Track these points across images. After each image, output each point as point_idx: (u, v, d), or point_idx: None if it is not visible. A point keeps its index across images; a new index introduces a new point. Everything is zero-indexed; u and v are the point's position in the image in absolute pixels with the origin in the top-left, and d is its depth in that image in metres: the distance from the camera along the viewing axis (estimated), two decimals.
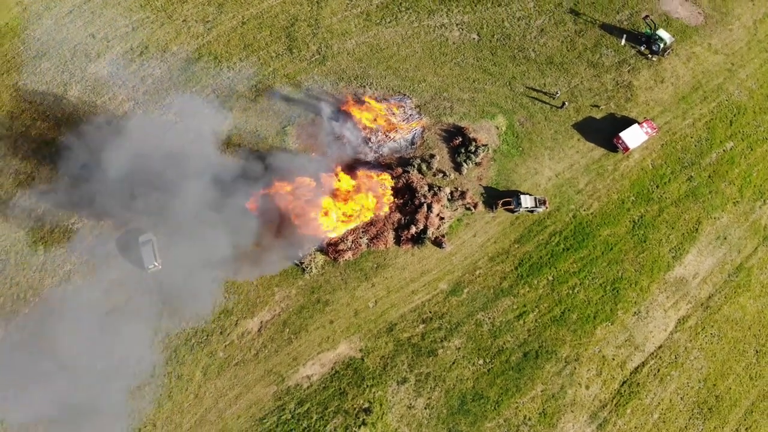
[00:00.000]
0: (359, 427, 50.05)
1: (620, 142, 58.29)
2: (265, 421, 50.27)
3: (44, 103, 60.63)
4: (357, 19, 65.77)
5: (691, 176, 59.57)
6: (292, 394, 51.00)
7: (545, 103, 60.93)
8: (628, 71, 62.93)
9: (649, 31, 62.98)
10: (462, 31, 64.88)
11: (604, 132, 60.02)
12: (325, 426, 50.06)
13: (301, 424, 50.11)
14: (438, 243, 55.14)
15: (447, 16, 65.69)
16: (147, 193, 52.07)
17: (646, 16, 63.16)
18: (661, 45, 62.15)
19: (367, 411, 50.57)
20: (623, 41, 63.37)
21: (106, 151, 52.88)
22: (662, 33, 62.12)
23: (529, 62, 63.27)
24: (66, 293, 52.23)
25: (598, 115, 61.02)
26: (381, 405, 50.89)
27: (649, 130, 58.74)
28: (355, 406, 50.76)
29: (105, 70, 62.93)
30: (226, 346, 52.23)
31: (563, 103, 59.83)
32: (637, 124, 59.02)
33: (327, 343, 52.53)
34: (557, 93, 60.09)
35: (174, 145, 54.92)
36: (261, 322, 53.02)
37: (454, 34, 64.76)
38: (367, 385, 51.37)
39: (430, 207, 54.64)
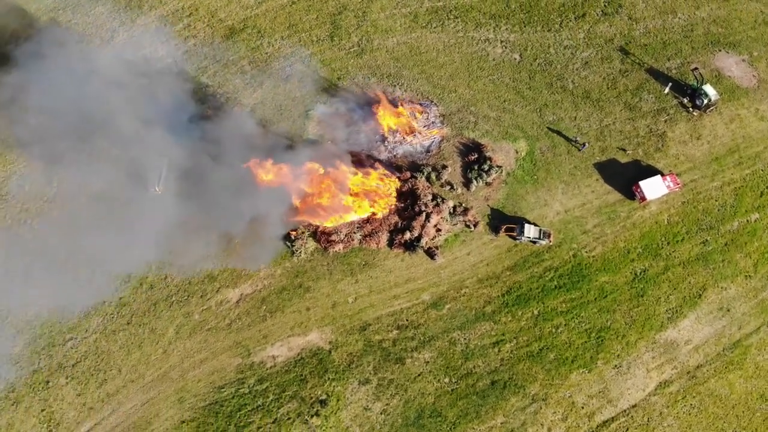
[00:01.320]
0: (312, 416, 50.36)
1: (639, 190, 56.46)
2: (223, 390, 51.12)
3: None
4: (404, 18, 65.69)
5: (707, 240, 57.21)
6: (255, 370, 51.67)
7: (569, 139, 59.47)
8: (665, 121, 60.81)
9: (695, 84, 60.66)
10: (505, 49, 63.99)
11: (625, 177, 58.21)
12: (278, 408, 50.57)
13: (257, 401, 50.75)
14: (430, 253, 54.74)
15: (494, 31, 64.89)
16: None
17: (695, 69, 60.81)
18: (705, 100, 59.76)
19: (323, 403, 50.80)
20: (667, 89, 61.25)
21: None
22: (708, 88, 59.71)
23: (565, 92, 61.90)
24: None
25: (623, 159, 59.25)
26: (338, 400, 51.02)
27: (672, 185, 56.66)
28: (312, 395, 51.06)
29: (153, 24, 64.88)
30: (203, 311, 53.29)
31: (584, 144, 58.32)
32: (660, 175, 57.01)
33: (299, 329, 52.95)
34: (576, 138, 58.67)
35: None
36: (241, 294, 53.86)
37: (496, 51, 63.95)
38: (329, 378, 51.57)
39: (428, 216, 54.29)
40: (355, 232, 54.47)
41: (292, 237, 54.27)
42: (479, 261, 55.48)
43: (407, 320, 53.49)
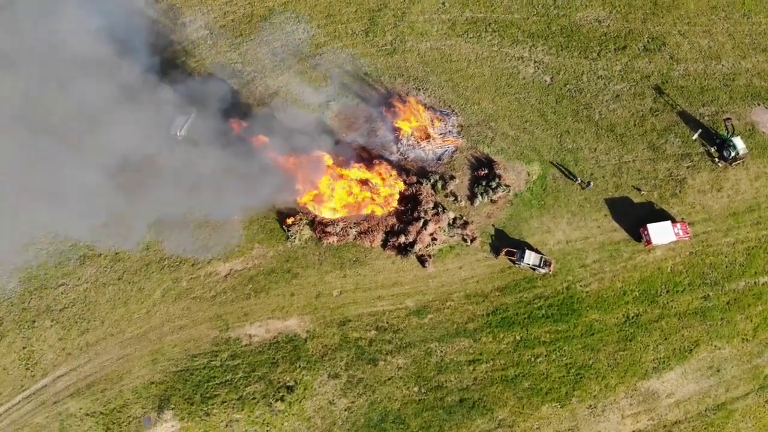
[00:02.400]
0: (276, 400, 50.78)
1: (645, 233, 54.96)
2: (196, 359, 52.00)
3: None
4: (442, 24, 65.39)
5: (708, 295, 55.33)
6: (230, 345, 52.39)
7: (571, 176, 58.20)
8: (687, 167, 59.00)
9: (725, 134, 58.68)
10: (537, 69, 63.10)
11: (635, 218, 56.68)
12: (245, 386, 51.17)
13: (226, 376, 51.46)
14: (422, 261, 54.49)
15: (529, 50, 64.01)
16: None
17: (728, 119, 58.80)
18: (732, 153, 57.76)
19: (290, 389, 51.17)
20: (695, 136, 59.41)
21: None
22: (737, 141, 57.69)
23: (589, 122, 60.68)
24: None
25: (636, 199, 57.77)
26: (305, 389, 51.32)
27: (681, 233, 54.98)
28: (281, 379, 51.49)
29: None
30: (191, 279, 54.29)
31: (588, 183, 57.02)
32: (671, 221, 55.39)
33: (280, 312, 53.43)
34: (580, 179, 57.56)
35: None
36: (231, 269, 54.66)
37: (528, 70, 63.11)
38: (300, 366, 51.91)
39: (426, 224, 54.02)
40: (351, 228, 54.60)
41: (289, 222, 54.75)
42: (470, 276, 54.94)
43: (387, 323, 53.38)
